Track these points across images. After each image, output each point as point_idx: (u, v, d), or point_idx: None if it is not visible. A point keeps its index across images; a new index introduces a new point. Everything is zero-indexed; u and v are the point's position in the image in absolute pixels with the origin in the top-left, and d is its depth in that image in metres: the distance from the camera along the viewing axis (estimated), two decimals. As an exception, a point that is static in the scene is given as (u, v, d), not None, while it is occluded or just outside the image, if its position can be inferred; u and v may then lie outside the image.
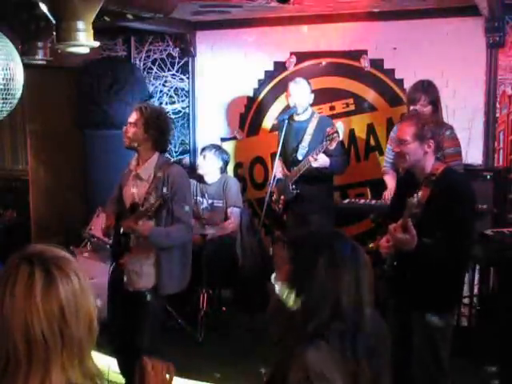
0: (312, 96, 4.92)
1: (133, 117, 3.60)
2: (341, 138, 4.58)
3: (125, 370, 3.76)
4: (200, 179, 5.36)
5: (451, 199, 3.02)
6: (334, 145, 4.54)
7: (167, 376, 1.66)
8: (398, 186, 3.54)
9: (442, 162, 3.35)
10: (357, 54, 5.28)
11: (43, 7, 2.57)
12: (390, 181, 4.58)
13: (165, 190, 3.45)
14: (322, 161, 4.62)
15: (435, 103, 4.20)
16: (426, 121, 3.20)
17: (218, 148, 5.36)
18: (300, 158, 4.82)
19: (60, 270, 1.40)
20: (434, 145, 3.12)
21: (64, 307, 1.37)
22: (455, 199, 3.03)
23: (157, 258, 3.56)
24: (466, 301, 4.62)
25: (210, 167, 5.25)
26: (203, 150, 5.38)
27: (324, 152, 4.58)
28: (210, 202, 5.20)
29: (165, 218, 3.50)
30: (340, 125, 4.62)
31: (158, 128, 3.56)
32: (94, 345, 1.46)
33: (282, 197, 4.91)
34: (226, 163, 5.36)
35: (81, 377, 1.38)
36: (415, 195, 2.97)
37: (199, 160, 5.39)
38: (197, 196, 5.24)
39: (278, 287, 1.91)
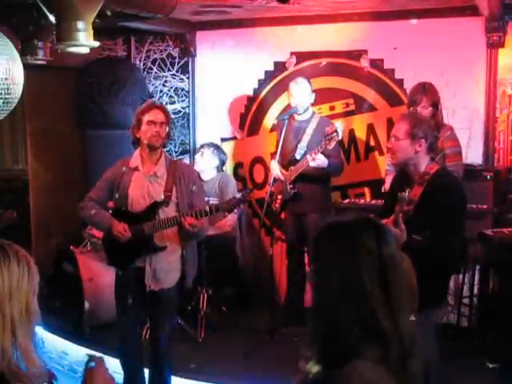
0: (313, 96, 4.93)
1: (160, 116, 3.60)
2: (340, 138, 4.58)
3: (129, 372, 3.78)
4: (196, 177, 5.36)
5: (441, 199, 3.06)
6: (332, 144, 4.54)
7: None
8: (392, 184, 3.57)
9: (438, 162, 3.38)
10: (357, 54, 5.28)
11: (43, 7, 2.57)
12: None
13: (189, 185, 3.63)
14: (319, 161, 4.62)
15: (436, 105, 4.22)
16: (420, 121, 3.23)
17: (216, 147, 5.37)
18: (298, 157, 4.83)
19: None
20: (426, 145, 3.15)
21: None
22: (445, 199, 3.07)
23: (182, 251, 3.66)
24: (466, 301, 4.62)
25: (206, 165, 5.27)
26: (201, 146, 5.41)
27: (322, 152, 4.59)
28: (206, 199, 5.18)
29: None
30: (339, 124, 4.62)
31: (171, 126, 3.74)
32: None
33: (280, 196, 4.92)
34: (222, 163, 5.38)
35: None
36: (407, 191, 3.01)
37: (196, 156, 5.40)
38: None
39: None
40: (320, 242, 1.60)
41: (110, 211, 3.71)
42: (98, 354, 1.78)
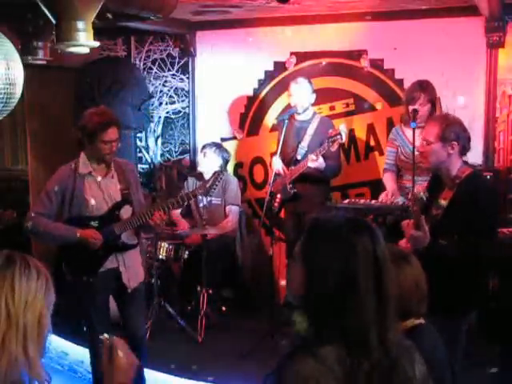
0: (314, 96, 4.92)
1: (115, 133, 3.56)
2: (343, 141, 4.58)
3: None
4: (199, 177, 5.35)
5: (473, 204, 2.98)
6: (335, 147, 4.54)
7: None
8: (428, 189, 3.44)
9: (470, 166, 3.30)
10: (357, 54, 5.28)
11: (43, 7, 2.57)
12: (389, 181, 4.58)
13: (134, 179, 3.78)
14: (317, 163, 4.62)
15: (433, 102, 4.22)
16: (451, 122, 3.13)
17: (218, 146, 5.35)
18: (299, 157, 4.82)
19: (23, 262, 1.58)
20: (459, 147, 3.08)
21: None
22: (476, 204, 2.98)
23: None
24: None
25: (209, 165, 5.24)
26: (204, 147, 5.36)
27: (323, 154, 4.59)
28: (208, 199, 5.18)
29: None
30: (343, 127, 4.61)
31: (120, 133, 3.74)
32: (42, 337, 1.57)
33: (279, 195, 4.92)
34: (226, 162, 5.35)
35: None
36: (421, 190, 2.97)
37: (199, 157, 5.39)
38: (196, 194, 5.25)
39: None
40: (312, 241, 1.58)
41: (64, 221, 3.58)
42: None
